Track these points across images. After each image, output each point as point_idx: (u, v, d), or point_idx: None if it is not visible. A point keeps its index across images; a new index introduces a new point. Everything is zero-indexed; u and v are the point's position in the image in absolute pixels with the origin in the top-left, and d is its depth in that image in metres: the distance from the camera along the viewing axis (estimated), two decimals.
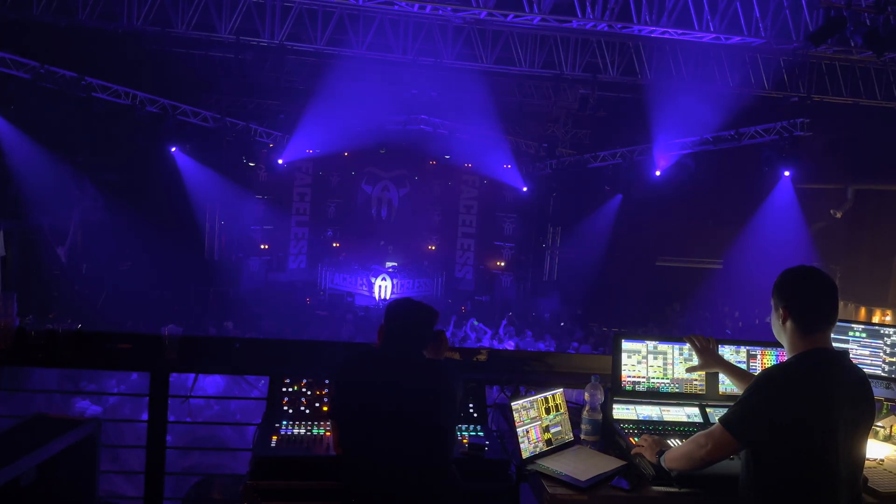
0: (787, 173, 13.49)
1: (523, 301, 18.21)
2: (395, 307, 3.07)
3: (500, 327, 13.26)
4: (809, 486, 2.50)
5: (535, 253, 19.44)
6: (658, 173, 14.90)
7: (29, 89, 11.80)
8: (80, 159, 13.89)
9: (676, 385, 3.50)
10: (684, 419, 3.40)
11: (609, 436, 3.29)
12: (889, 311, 14.49)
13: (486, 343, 12.36)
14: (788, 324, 2.63)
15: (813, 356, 2.59)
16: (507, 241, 20.17)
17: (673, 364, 3.52)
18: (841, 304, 2.72)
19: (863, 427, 2.62)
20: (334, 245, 20.29)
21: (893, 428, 3.43)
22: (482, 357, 4.07)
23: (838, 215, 15.69)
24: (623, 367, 3.49)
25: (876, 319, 13.85)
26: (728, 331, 15.46)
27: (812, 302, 2.63)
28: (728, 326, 16.05)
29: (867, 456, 2.77)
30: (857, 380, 2.63)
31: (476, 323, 13.71)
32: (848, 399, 2.55)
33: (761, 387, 2.60)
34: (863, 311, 14.85)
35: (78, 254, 14.55)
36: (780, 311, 2.65)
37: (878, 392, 3.50)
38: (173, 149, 14.23)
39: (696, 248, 17.90)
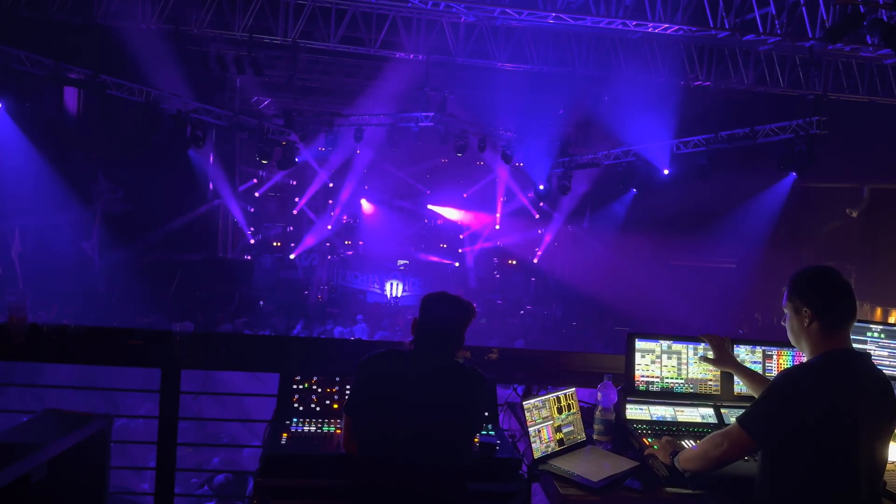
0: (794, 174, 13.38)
1: (535, 300, 18.16)
2: (430, 302, 2.96)
3: None
4: (828, 488, 2.46)
5: (548, 252, 19.37)
6: (666, 172, 14.77)
7: (44, 86, 11.88)
8: (94, 156, 13.97)
9: (691, 385, 3.45)
10: (698, 420, 3.35)
11: (622, 436, 3.25)
12: None
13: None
14: (814, 325, 2.58)
15: (836, 356, 2.55)
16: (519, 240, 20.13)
17: (687, 364, 3.46)
18: (857, 303, 2.68)
19: (885, 429, 2.56)
20: (346, 242, 20.34)
21: None
22: (493, 356, 4.03)
23: (854, 214, 15.52)
24: (636, 367, 3.43)
25: (892, 320, 13.67)
26: (741, 330, 15.32)
27: (835, 300, 2.59)
28: (743, 327, 15.91)
29: (889, 459, 2.72)
30: (880, 381, 2.57)
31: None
32: (870, 400, 2.51)
33: (783, 386, 2.55)
34: (878, 311, 14.67)
35: (105, 247, 14.59)
36: (805, 311, 2.60)
37: None
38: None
39: (710, 248, 17.77)
